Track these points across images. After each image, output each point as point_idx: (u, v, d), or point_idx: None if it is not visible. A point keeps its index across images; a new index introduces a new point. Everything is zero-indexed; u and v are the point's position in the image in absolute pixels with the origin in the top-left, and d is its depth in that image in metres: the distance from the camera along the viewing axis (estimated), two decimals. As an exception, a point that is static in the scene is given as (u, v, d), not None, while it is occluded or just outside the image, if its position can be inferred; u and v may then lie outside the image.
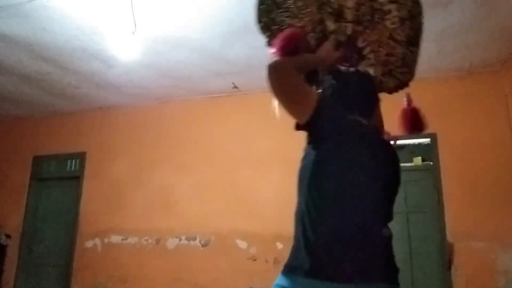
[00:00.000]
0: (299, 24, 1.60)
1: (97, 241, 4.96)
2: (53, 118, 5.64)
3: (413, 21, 1.59)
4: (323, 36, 1.60)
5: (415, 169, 4.24)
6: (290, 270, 1.21)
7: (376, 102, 1.49)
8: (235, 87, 4.57)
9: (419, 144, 4.30)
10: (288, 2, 1.59)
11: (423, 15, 1.62)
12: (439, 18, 3.16)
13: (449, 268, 3.75)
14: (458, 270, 3.71)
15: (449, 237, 3.79)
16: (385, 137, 1.54)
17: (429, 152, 4.16)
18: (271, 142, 4.41)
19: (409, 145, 4.32)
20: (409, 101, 1.66)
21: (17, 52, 3.88)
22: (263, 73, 1.34)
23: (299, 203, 1.30)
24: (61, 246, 5.18)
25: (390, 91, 1.77)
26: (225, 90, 4.63)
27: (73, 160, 5.45)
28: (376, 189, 1.26)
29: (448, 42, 3.51)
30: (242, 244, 4.36)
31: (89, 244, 4.99)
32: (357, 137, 1.30)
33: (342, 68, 1.55)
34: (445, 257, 3.78)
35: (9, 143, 5.82)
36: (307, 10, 1.58)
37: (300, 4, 1.58)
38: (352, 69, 1.55)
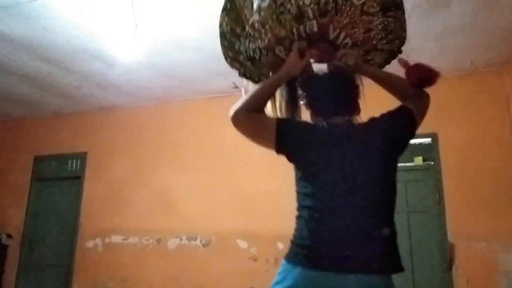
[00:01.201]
0: (263, 44, 1.54)
1: (98, 241, 4.96)
2: (54, 118, 5.64)
3: None
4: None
5: (416, 169, 4.24)
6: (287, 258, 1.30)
7: (354, 92, 1.48)
8: (236, 87, 4.55)
9: (420, 143, 4.29)
10: (247, 27, 1.53)
11: None
12: (440, 18, 3.16)
13: (450, 268, 3.74)
14: (458, 270, 3.70)
15: (450, 237, 3.78)
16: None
17: (430, 151, 4.15)
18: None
19: (410, 144, 4.31)
20: (405, 63, 1.48)
21: (18, 52, 3.88)
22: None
23: None
24: (62, 246, 5.19)
25: (380, 66, 1.66)
26: (226, 90, 4.62)
27: (74, 160, 5.45)
28: (352, 188, 1.29)
29: (449, 42, 3.51)
30: (243, 244, 4.36)
31: (90, 244, 4.99)
32: (319, 144, 1.36)
33: (311, 74, 1.51)
34: (446, 257, 3.78)
35: (10, 143, 5.83)
36: (266, 27, 1.50)
37: (257, 25, 1.51)
38: (320, 72, 1.50)
